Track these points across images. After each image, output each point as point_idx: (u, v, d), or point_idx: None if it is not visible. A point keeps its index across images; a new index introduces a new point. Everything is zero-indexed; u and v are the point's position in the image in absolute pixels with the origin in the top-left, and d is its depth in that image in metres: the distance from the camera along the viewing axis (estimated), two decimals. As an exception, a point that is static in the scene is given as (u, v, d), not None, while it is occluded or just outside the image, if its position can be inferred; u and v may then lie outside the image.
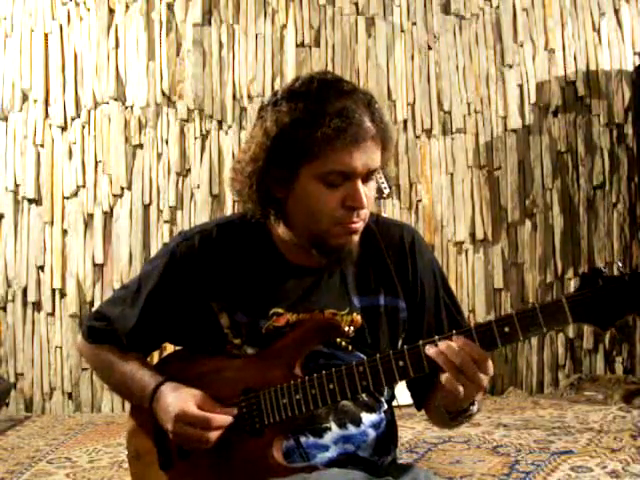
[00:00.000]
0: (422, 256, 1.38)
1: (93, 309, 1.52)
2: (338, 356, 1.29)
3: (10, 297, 3.85)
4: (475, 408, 1.24)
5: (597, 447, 2.66)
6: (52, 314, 3.86)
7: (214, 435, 1.22)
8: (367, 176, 1.22)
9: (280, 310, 1.29)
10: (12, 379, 3.82)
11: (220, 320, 1.31)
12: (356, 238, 1.26)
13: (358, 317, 1.30)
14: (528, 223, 4.03)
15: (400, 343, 1.34)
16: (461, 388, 1.13)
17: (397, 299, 1.34)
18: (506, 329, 1.10)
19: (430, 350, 1.12)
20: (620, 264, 1.07)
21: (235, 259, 1.32)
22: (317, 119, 1.17)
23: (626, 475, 2.33)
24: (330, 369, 1.20)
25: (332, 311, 1.29)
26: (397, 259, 1.35)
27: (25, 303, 3.86)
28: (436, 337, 1.14)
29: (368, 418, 1.32)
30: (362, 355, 1.28)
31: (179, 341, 1.42)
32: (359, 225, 1.24)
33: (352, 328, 1.28)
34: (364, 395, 1.30)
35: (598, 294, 1.05)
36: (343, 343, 1.29)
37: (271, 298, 1.30)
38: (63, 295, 3.87)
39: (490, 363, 1.12)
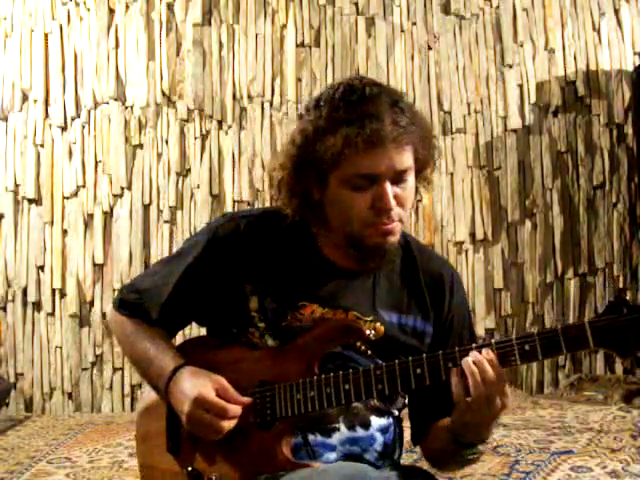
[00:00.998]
0: (458, 296, 1.42)
1: (128, 281, 1.54)
2: (356, 359, 1.30)
3: (10, 297, 3.85)
4: (482, 448, 1.26)
5: (597, 447, 2.66)
6: (52, 314, 3.85)
7: (228, 425, 1.23)
8: (397, 177, 1.24)
9: (307, 304, 1.31)
10: (12, 379, 3.81)
11: (249, 303, 1.33)
12: (392, 239, 1.27)
13: (381, 328, 1.31)
14: (528, 223, 4.03)
15: None
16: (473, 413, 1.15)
17: (426, 324, 1.37)
18: (526, 347, 1.12)
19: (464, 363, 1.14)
20: None
21: (275, 247, 1.35)
22: (336, 127, 1.21)
23: (626, 475, 2.33)
24: (347, 370, 1.22)
25: (356, 314, 1.31)
26: (434, 292, 1.38)
27: (25, 303, 3.85)
28: (456, 349, 1.16)
29: (377, 422, 1.32)
30: (380, 361, 1.29)
31: (205, 320, 1.44)
32: (392, 226, 1.26)
33: (374, 332, 1.29)
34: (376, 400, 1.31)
35: (621, 322, 1.06)
36: (363, 347, 1.30)
37: (302, 291, 1.32)
38: (63, 295, 3.87)
39: (507, 387, 1.14)
